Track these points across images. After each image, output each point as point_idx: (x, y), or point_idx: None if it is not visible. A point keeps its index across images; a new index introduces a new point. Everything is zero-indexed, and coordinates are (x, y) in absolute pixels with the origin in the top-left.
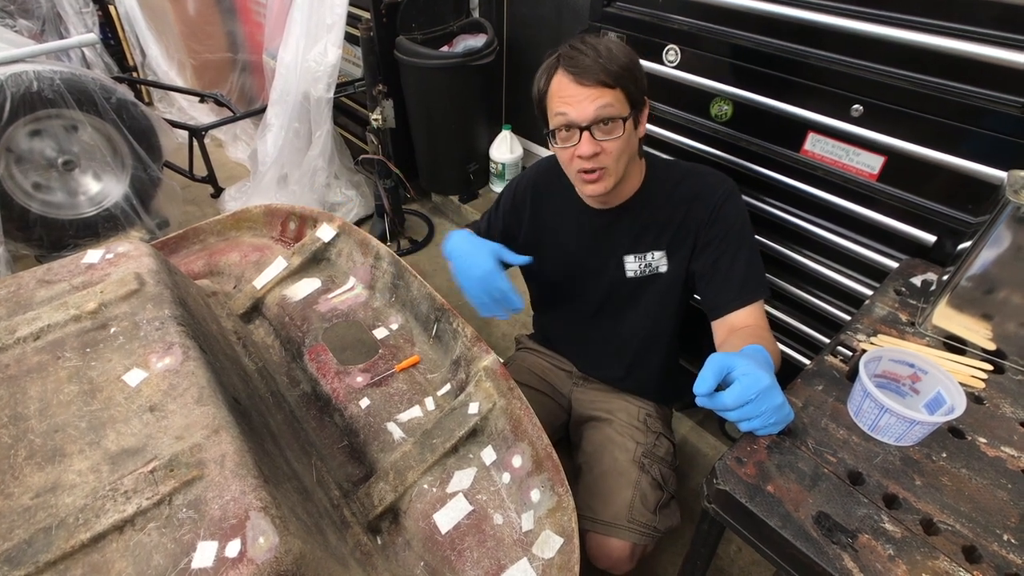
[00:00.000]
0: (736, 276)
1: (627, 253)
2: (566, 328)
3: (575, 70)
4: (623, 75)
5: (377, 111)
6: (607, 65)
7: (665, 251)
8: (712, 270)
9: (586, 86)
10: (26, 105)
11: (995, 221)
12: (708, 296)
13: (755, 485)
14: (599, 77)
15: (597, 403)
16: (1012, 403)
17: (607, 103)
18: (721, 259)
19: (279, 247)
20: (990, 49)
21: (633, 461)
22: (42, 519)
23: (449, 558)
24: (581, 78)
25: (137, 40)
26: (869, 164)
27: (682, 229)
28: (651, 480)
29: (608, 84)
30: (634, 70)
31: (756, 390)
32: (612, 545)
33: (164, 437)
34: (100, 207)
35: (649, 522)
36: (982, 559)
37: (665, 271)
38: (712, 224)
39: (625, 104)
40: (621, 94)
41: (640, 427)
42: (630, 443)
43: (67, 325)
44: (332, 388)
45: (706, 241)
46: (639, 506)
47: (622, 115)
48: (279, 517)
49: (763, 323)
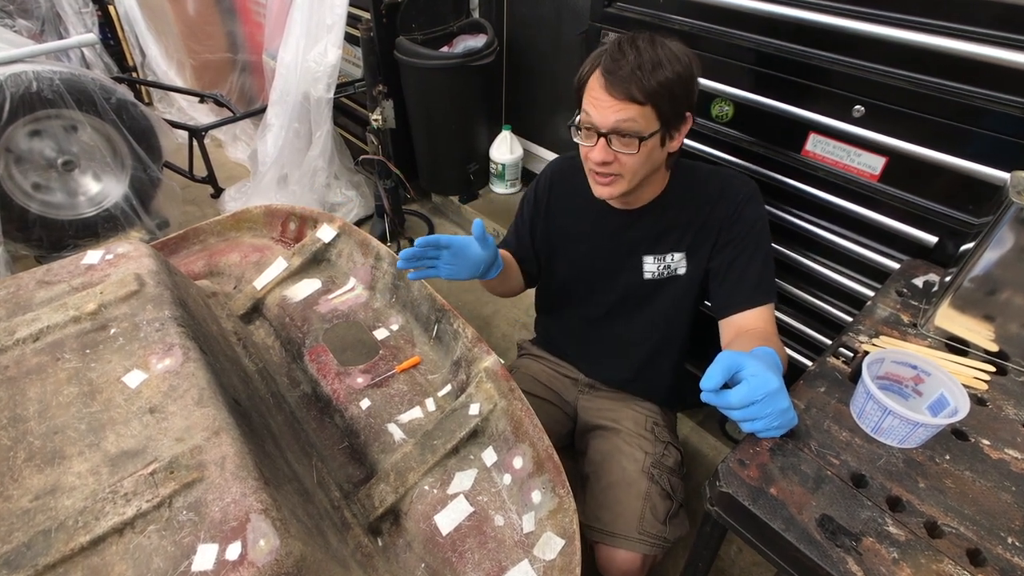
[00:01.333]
0: (750, 277)
1: (647, 253)
2: (573, 330)
3: (610, 77)
4: (658, 92)
5: (377, 111)
6: (643, 79)
7: (685, 252)
8: (727, 269)
9: (615, 97)
10: (25, 105)
11: (998, 222)
12: (720, 295)
13: (758, 487)
14: (630, 91)
15: (604, 411)
16: (1015, 405)
17: (630, 118)
18: (738, 259)
19: (279, 248)
20: (991, 49)
21: (642, 471)
22: (41, 522)
23: (450, 560)
24: (612, 87)
25: (137, 40)
26: (870, 165)
27: (704, 229)
28: (660, 490)
29: (638, 100)
30: (675, 87)
31: (764, 392)
32: (623, 557)
33: (164, 439)
34: (100, 207)
35: (659, 533)
36: (987, 562)
37: (683, 273)
38: (733, 224)
39: (653, 121)
40: (651, 111)
41: (648, 436)
42: (639, 453)
43: (67, 326)
44: (332, 389)
45: (726, 240)
46: (649, 517)
47: (642, 133)
48: (280, 519)
49: (772, 328)
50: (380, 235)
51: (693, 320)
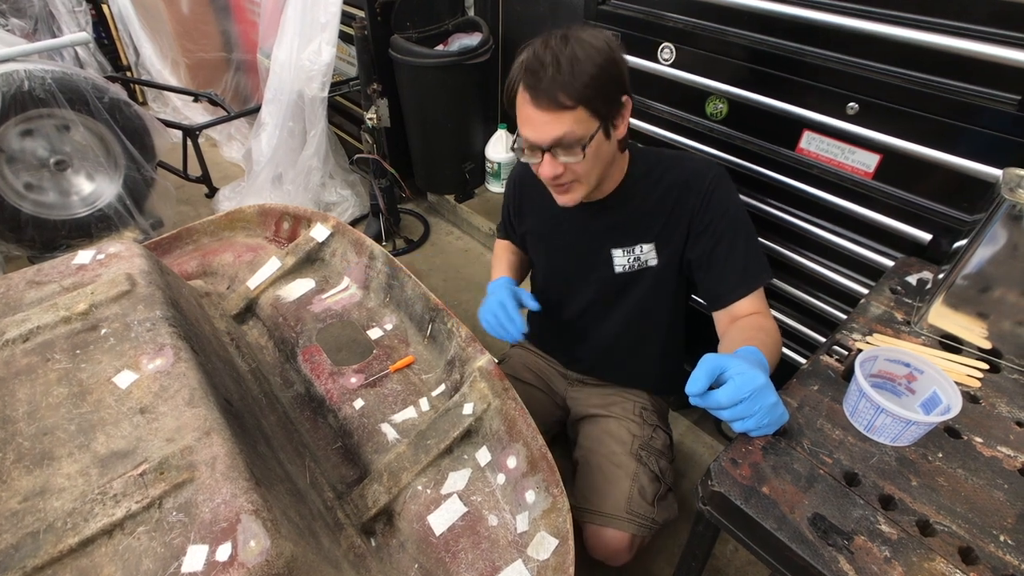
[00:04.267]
0: (735, 264)
1: (615, 247)
2: (555, 327)
3: (533, 92)
4: (585, 92)
5: (372, 110)
6: (568, 83)
7: (654, 243)
8: (709, 259)
9: (543, 110)
10: (17, 104)
11: (990, 219)
12: (708, 286)
13: (750, 487)
14: (557, 99)
15: (593, 400)
16: (1008, 402)
17: (567, 130)
18: (718, 247)
19: (273, 247)
20: (985, 46)
21: (630, 454)
22: (30, 523)
23: (443, 560)
24: (538, 101)
25: (131, 39)
26: (864, 162)
27: (672, 218)
28: (649, 472)
29: (566, 105)
30: (601, 80)
31: (750, 389)
32: (610, 536)
33: (154, 439)
34: (93, 207)
35: (647, 514)
36: (979, 560)
37: (655, 264)
38: (704, 211)
39: (590, 121)
40: (584, 112)
41: (636, 420)
42: (627, 435)
43: (57, 327)
44: (326, 389)
45: (700, 229)
46: (637, 498)
47: (583, 139)
48: (270, 520)
49: (764, 308)
50: (375, 234)
51: (677, 310)
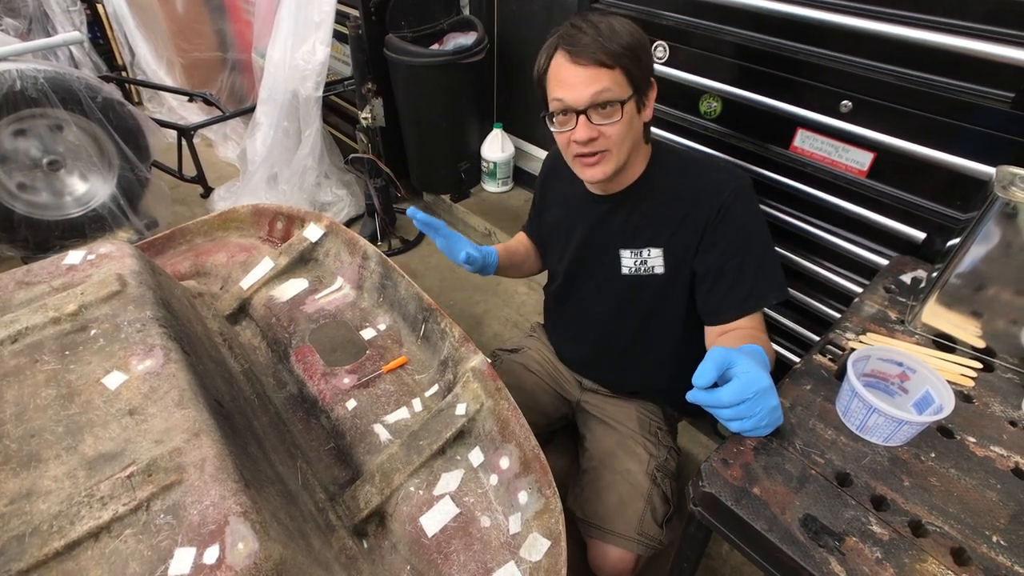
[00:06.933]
0: (741, 287)
1: (623, 247)
2: (566, 328)
3: (572, 49)
4: (624, 55)
5: (367, 109)
6: (606, 44)
7: (663, 250)
8: (716, 276)
9: (583, 66)
10: (9, 104)
11: (983, 217)
12: (708, 301)
13: (741, 487)
14: (597, 56)
15: (607, 409)
16: (1001, 401)
17: (604, 87)
18: (727, 265)
19: (266, 247)
20: (979, 43)
21: (646, 474)
22: (16, 526)
23: (435, 561)
24: (578, 57)
25: (126, 39)
26: (858, 160)
27: (684, 226)
28: (661, 494)
29: (606, 64)
30: (637, 50)
31: (754, 389)
32: (618, 555)
33: (143, 441)
34: (87, 208)
35: (656, 535)
36: (971, 561)
37: (662, 272)
38: (719, 224)
39: (626, 86)
40: (621, 75)
41: (651, 439)
42: (643, 454)
43: (46, 327)
44: (319, 389)
45: (712, 241)
46: (649, 519)
47: (620, 98)
48: (259, 522)
49: (759, 324)
50: (371, 234)
51: (691, 325)
